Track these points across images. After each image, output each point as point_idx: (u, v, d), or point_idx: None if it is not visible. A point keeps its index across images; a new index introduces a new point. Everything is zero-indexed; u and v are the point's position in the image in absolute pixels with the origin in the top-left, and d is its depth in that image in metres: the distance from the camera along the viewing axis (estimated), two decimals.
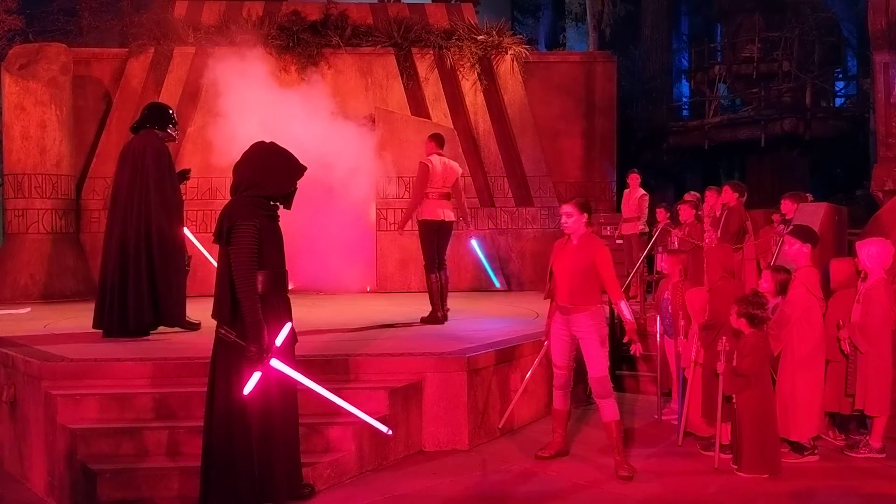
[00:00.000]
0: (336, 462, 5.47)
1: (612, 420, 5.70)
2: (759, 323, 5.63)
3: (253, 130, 6.96)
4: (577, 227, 5.69)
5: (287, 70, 12.95)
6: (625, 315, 5.72)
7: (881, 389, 5.93)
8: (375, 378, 6.18)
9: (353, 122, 11.50)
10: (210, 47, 12.13)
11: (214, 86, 10.39)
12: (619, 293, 5.74)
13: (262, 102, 9.91)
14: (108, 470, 5.18)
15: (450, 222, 8.41)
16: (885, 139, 9.91)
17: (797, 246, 6.10)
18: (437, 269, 8.31)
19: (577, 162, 14.39)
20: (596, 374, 5.69)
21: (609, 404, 5.71)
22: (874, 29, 10.00)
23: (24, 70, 12.08)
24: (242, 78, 10.11)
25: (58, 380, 5.94)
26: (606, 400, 5.71)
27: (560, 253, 5.80)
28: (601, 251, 5.68)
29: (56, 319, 8.95)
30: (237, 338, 4.60)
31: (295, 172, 4.88)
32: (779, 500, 5.21)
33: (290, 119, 9.81)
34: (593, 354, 5.68)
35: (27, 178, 12.02)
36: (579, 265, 5.64)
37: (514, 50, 13.73)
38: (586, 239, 5.72)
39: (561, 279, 5.76)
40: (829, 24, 18.97)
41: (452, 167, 8.46)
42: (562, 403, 6.00)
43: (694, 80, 20.78)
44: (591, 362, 5.70)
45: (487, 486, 5.51)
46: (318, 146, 9.72)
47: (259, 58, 10.84)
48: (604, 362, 5.71)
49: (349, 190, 11.30)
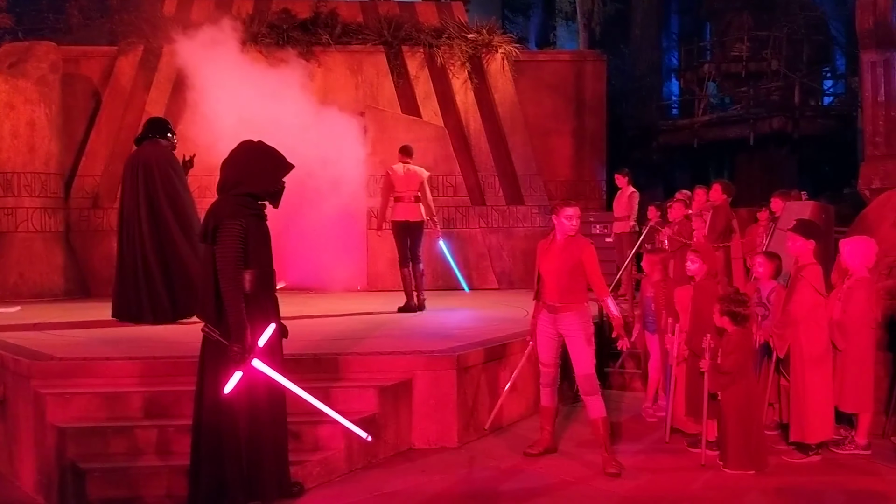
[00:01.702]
0: (325, 460, 5.49)
1: (598, 417, 5.78)
2: (741, 320, 5.67)
3: (240, 128, 6.98)
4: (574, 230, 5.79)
5: (277, 68, 12.91)
6: (611, 311, 5.81)
7: (860, 387, 5.96)
8: (365, 376, 6.20)
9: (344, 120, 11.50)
10: (198, 44, 12.10)
11: (203, 83, 10.37)
12: (604, 290, 5.83)
13: (250, 100, 9.91)
14: (98, 468, 5.18)
15: (416, 222, 9.37)
16: (873, 138, 9.96)
17: (800, 242, 5.99)
18: (408, 264, 9.34)
19: (567, 160, 14.43)
20: (582, 372, 5.76)
21: (595, 401, 5.79)
22: (862, 28, 10.05)
23: (14, 68, 12.05)
24: (231, 76, 10.10)
25: (47, 378, 5.94)
26: (593, 397, 5.78)
27: (546, 253, 5.86)
28: (587, 249, 5.75)
29: (46, 318, 8.92)
30: (220, 336, 4.61)
31: (280, 171, 4.87)
32: (765, 496, 5.25)
33: (279, 116, 9.81)
34: (580, 352, 5.75)
35: (16, 177, 11.99)
36: (566, 264, 5.71)
37: (504, 48, 13.75)
38: (572, 238, 5.79)
39: (549, 278, 5.81)
40: (817, 23, 19.06)
41: (417, 172, 9.40)
42: (549, 400, 6.07)
43: (683, 78, 20.85)
44: (577, 360, 5.77)
45: (476, 483, 5.54)
46: (308, 144, 9.78)
47: (249, 55, 10.83)
48: (590, 360, 5.77)
49: (339, 188, 11.31)
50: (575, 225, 5.76)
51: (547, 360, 5.97)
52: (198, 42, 10.29)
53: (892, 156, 9.69)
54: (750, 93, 18.48)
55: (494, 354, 6.82)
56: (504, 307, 9.79)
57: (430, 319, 8.90)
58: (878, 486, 5.43)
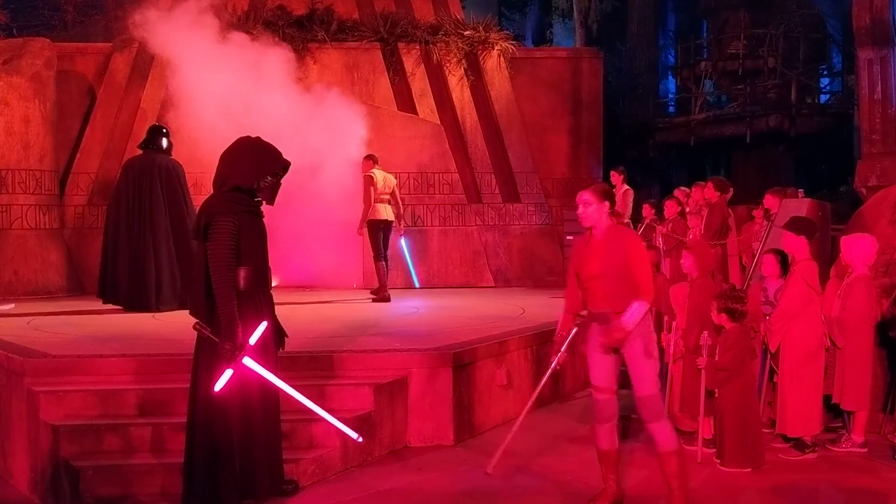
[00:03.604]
0: (320, 458, 5.46)
1: (669, 450, 4.68)
2: (739, 317, 5.66)
3: (231, 123, 6.98)
4: (598, 219, 4.71)
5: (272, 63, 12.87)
6: (625, 319, 4.57)
7: (858, 385, 5.95)
8: (360, 374, 6.18)
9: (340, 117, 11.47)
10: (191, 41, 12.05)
11: (198, 80, 10.33)
12: (650, 293, 4.64)
13: (245, 97, 9.89)
14: (92, 466, 5.15)
15: (391, 221, 10.43)
16: (869, 135, 9.97)
17: (792, 239, 5.99)
18: (382, 258, 10.30)
19: (563, 158, 14.40)
20: (642, 393, 4.68)
21: (662, 429, 4.68)
22: (858, 26, 10.06)
23: (8, 65, 11.98)
24: (227, 73, 10.07)
25: (40, 376, 5.92)
26: (657, 423, 4.68)
27: (583, 254, 4.79)
28: (632, 243, 4.73)
29: (40, 315, 8.89)
30: (211, 333, 4.58)
31: (266, 165, 4.81)
32: (761, 493, 5.25)
33: (274, 112, 9.80)
34: (638, 368, 4.67)
35: (10, 174, 11.93)
36: (612, 264, 4.64)
37: (500, 45, 13.71)
38: (613, 232, 4.75)
39: (593, 283, 4.72)
40: (814, 21, 19.07)
41: (389, 178, 10.55)
42: (608, 443, 4.84)
43: (680, 76, 20.85)
44: (635, 378, 4.69)
45: (472, 482, 5.50)
46: (303, 141, 9.75)
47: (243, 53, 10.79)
48: (651, 377, 4.69)
49: (334, 185, 11.27)
50: (587, 212, 4.69)
51: (601, 383, 4.78)
52: (191, 38, 10.24)
53: (889, 153, 9.70)
54: (747, 90, 18.48)
55: (491, 352, 6.80)
56: (500, 305, 9.78)
57: (426, 317, 8.89)
58: (875, 484, 5.43)
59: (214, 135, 7.08)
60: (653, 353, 4.70)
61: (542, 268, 12.92)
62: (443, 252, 12.79)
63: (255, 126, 5.52)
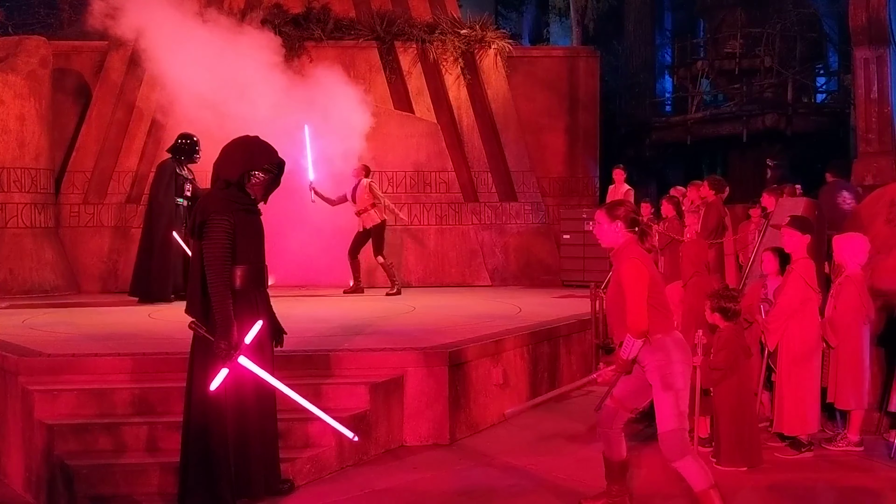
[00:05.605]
0: (316, 457, 5.45)
1: (703, 488, 4.33)
2: (732, 316, 5.66)
3: (230, 124, 6.96)
4: (613, 239, 4.49)
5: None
6: (621, 353, 4.40)
7: (853, 384, 5.96)
8: (356, 373, 6.17)
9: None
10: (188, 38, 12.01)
11: (194, 78, 10.29)
12: (635, 326, 4.30)
13: (241, 96, 9.87)
14: (86, 466, 5.14)
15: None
16: (865, 135, 9.99)
17: (796, 237, 5.94)
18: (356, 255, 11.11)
19: (560, 157, 14.40)
20: (660, 429, 4.39)
21: (687, 468, 4.36)
22: (855, 25, 10.07)
23: (4, 63, 11.95)
24: (221, 70, 10.04)
25: (35, 375, 5.89)
26: (680, 463, 4.36)
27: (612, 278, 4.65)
28: (621, 270, 4.41)
29: (35, 314, 8.87)
30: (206, 332, 4.57)
31: (253, 160, 4.76)
32: (757, 492, 5.25)
33: (271, 112, 9.77)
34: (656, 402, 4.40)
35: (6, 172, 11.89)
36: (612, 292, 4.55)
37: (497, 44, 13.70)
38: (616, 256, 4.49)
39: (608, 310, 4.73)
40: (810, 20, 19.08)
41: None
42: (609, 448, 4.68)
43: (677, 75, 20.85)
44: (655, 412, 4.43)
45: (469, 481, 5.50)
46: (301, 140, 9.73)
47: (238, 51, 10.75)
48: (668, 412, 4.34)
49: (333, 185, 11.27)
50: (595, 232, 4.58)
51: (617, 392, 4.59)
52: (187, 36, 10.21)
53: (885, 152, 9.72)
54: (743, 90, 18.49)
55: (487, 351, 6.79)
56: (497, 304, 9.77)
57: (422, 316, 8.87)
58: (870, 483, 5.43)
59: (210, 134, 7.06)
60: (673, 384, 4.33)
61: (539, 267, 12.93)
62: (439, 251, 12.80)
63: (254, 126, 5.51)
